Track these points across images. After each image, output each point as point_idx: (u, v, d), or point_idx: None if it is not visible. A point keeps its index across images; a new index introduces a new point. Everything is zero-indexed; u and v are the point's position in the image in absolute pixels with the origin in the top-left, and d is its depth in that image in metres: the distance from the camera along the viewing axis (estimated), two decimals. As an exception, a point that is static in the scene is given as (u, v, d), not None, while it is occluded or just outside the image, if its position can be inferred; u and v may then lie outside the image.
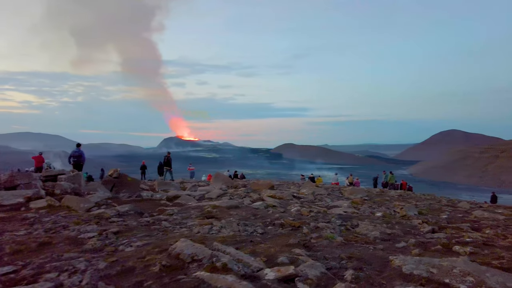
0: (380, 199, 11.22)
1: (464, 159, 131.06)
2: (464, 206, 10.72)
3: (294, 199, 9.24)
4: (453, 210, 9.65)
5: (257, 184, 11.98)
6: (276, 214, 6.72)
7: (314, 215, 6.85)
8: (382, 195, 13.39)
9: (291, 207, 7.75)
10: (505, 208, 12.18)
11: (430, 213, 8.64)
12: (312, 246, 4.58)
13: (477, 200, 25.10)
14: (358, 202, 9.21)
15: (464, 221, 7.66)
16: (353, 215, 7.28)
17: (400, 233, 5.81)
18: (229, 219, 5.85)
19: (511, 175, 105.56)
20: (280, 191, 11.27)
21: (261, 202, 7.98)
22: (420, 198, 13.08)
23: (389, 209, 8.81)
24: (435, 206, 10.35)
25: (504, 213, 9.80)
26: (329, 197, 10.62)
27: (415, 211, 8.08)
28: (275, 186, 12.65)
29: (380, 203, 10.13)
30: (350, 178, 23.83)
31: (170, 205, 7.76)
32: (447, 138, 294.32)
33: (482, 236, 5.97)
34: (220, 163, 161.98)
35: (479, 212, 9.10)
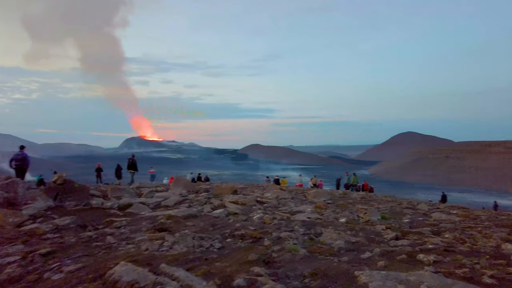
0: (343, 202, 11.18)
1: (419, 159, 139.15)
2: (423, 208, 10.98)
3: (258, 205, 8.87)
4: (414, 213, 9.80)
5: (219, 189, 11.47)
6: (237, 223, 6.28)
7: (277, 223, 6.50)
8: (345, 197, 13.44)
9: (254, 214, 7.36)
10: (459, 209, 12.71)
11: (392, 217, 8.66)
12: (274, 261, 4.20)
13: (432, 200, 26.39)
14: (321, 207, 9.03)
15: (425, 225, 7.72)
16: (316, 222, 7.03)
17: (364, 241, 5.62)
18: (184, 232, 5.31)
19: (459, 175, 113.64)
20: (244, 195, 10.86)
21: (222, 210, 7.51)
22: (382, 200, 13.29)
23: (352, 213, 8.71)
24: (397, 209, 10.49)
25: (458, 214, 10.13)
26: (293, 201, 10.38)
27: (378, 216, 8.03)
28: (238, 190, 12.21)
29: (344, 207, 10.06)
30: (313, 180, 24.03)
31: (121, 215, 7.05)
32: (405, 139, 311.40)
33: (443, 241, 5.95)
34: (185, 164, 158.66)
35: (437, 215, 9.29)
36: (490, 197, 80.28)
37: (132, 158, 20.70)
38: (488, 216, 10.94)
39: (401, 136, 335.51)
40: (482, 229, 7.48)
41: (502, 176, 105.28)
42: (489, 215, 11.42)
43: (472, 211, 12.30)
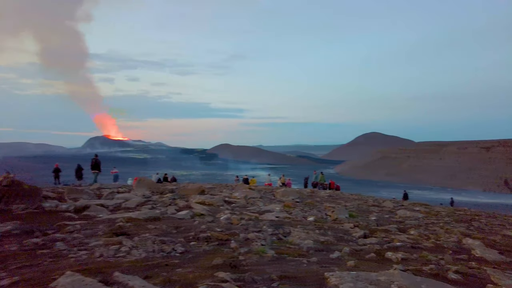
0: (311, 201, 11.18)
1: (382, 159, 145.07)
2: (388, 206, 11.24)
3: (225, 205, 8.58)
4: (380, 211, 9.99)
5: (186, 189, 11.05)
6: (202, 225, 5.97)
7: (245, 224, 6.26)
8: (313, 196, 13.50)
9: (221, 215, 7.07)
10: (421, 206, 13.20)
11: (360, 215, 8.74)
12: (240, 264, 3.95)
13: (395, 197, 27.45)
14: (290, 206, 8.93)
15: (391, 222, 7.84)
16: (285, 221, 6.89)
17: (333, 240, 5.53)
18: (144, 236, 4.93)
19: (419, 174, 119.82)
20: (212, 195, 10.52)
21: (187, 211, 7.15)
22: (349, 199, 13.49)
23: (320, 212, 8.69)
24: (363, 207, 10.64)
25: (421, 211, 10.48)
26: (262, 200, 10.20)
27: (346, 214, 8.05)
28: (206, 190, 11.84)
29: (312, 205, 10.04)
30: (282, 179, 24.09)
31: (76, 218, 6.48)
32: (369, 140, 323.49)
33: (409, 238, 6.02)
34: (152, 164, 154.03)
35: (402, 212, 9.53)
36: (446, 194, 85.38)
37: (95, 158, 19.69)
38: (447, 212, 11.43)
39: (365, 136, 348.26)
40: (444, 225, 7.72)
41: (455, 174, 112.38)
42: (448, 211, 11.95)
43: (433, 207, 12.82)
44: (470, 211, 12.50)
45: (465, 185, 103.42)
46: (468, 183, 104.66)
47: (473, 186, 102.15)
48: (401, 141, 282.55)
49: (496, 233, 7.51)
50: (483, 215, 11.69)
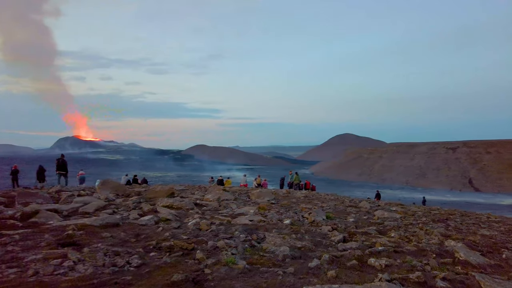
0: (287, 202, 10.74)
1: (355, 159, 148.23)
2: (365, 206, 11.00)
3: (196, 208, 7.94)
4: (357, 211, 9.69)
5: (153, 191, 10.28)
6: (167, 232, 5.33)
7: (215, 229, 5.68)
8: (289, 196, 13.09)
9: (189, 220, 6.45)
10: (397, 205, 13.12)
11: (337, 216, 8.37)
12: (205, 279, 3.39)
13: (370, 197, 27.69)
14: (265, 208, 8.42)
15: (370, 224, 7.52)
16: (259, 225, 6.37)
17: (311, 245, 5.07)
18: (96, 246, 4.24)
19: (390, 173, 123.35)
20: (182, 198, 9.84)
21: (152, 216, 6.47)
22: (325, 199, 13.19)
23: (297, 213, 8.24)
24: (340, 208, 10.33)
25: (398, 211, 10.30)
26: (236, 202, 9.63)
27: (323, 216, 7.64)
28: (176, 193, 11.13)
29: (287, 207, 9.59)
30: (258, 179, 23.59)
31: (19, 226, 5.64)
32: (342, 140, 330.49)
33: (390, 241, 5.67)
34: (124, 165, 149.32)
35: (380, 212, 9.27)
36: (416, 193, 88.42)
37: (61, 158, 18.29)
38: (423, 211, 11.36)
39: (339, 137, 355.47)
40: (423, 226, 7.49)
41: (425, 174, 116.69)
42: (423, 210, 11.90)
43: (409, 207, 12.76)
44: (444, 210, 12.54)
45: (433, 184, 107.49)
46: (436, 182, 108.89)
47: (441, 185, 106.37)
48: (374, 142, 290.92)
49: (474, 233, 7.36)
50: (457, 214, 11.73)
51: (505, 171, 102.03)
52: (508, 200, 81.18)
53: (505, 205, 73.84)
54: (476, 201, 76.86)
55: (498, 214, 45.27)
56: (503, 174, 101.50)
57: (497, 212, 55.81)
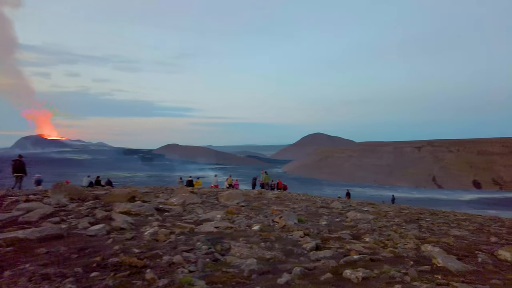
0: (257, 204, 10.25)
1: (326, 158, 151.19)
2: (337, 207, 10.75)
3: (156, 215, 7.23)
4: (329, 213, 9.37)
5: (112, 195, 9.40)
6: (117, 244, 4.64)
7: (174, 240, 5.05)
8: (260, 198, 12.63)
9: (147, 229, 5.76)
10: (368, 205, 13.03)
11: (309, 219, 7.98)
12: (153, 309, 2.78)
13: (341, 196, 27.90)
14: (233, 212, 7.85)
15: (344, 227, 7.17)
16: (226, 232, 5.80)
17: (281, 255, 4.58)
18: (21, 268, 3.49)
19: (360, 172, 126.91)
20: (143, 202, 9.05)
21: (103, 225, 5.71)
22: (297, 200, 12.84)
23: (267, 217, 7.76)
24: (312, 209, 9.98)
25: (371, 212, 10.12)
26: (202, 206, 8.98)
27: (294, 219, 7.20)
28: (139, 196, 10.30)
29: (258, 209, 9.09)
30: (229, 180, 22.93)
31: None
32: (314, 140, 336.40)
33: (365, 246, 5.31)
34: (92, 166, 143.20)
35: (352, 214, 9.00)
36: (384, 190, 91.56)
37: (19, 159, 16.71)
38: (394, 211, 11.29)
39: (310, 137, 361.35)
40: (397, 228, 7.26)
41: (392, 172, 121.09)
42: (394, 210, 11.85)
43: (380, 207, 12.70)
44: (414, 209, 12.61)
45: (400, 182, 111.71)
46: (403, 180, 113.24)
47: (407, 183, 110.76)
48: (344, 141, 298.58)
49: (446, 234, 7.23)
50: (426, 213, 11.79)
51: (464, 169, 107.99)
52: (467, 196, 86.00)
53: (464, 201, 78.16)
54: (439, 198, 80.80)
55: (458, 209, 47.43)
56: (463, 171, 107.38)
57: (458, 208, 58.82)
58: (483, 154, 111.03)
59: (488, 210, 60.37)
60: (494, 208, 64.99)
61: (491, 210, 59.25)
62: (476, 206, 67.73)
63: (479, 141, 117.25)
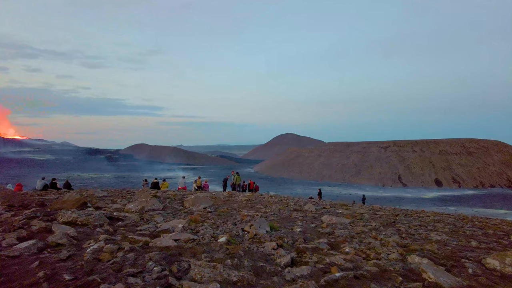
0: (226, 209, 9.43)
1: (296, 158, 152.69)
2: (311, 209, 10.17)
3: (106, 225, 6.21)
4: (303, 217, 8.74)
5: (60, 201, 8.20)
6: (44, 269, 3.66)
7: (120, 259, 4.13)
8: (230, 201, 11.82)
9: (90, 243, 4.78)
10: (341, 206, 12.60)
11: (282, 225, 7.29)
12: None
13: (312, 195, 27.65)
14: (197, 220, 6.97)
15: (320, 235, 6.54)
16: (186, 246, 4.95)
17: (250, 277, 3.81)
18: None
19: (329, 171, 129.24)
20: (96, 209, 7.98)
21: (35, 241, 4.67)
22: (269, 202, 12.15)
23: (236, 225, 6.97)
24: (285, 213, 9.32)
25: (345, 215, 9.63)
26: (163, 213, 8.02)
27: (266, 227, 6.47)
28: (92, 202, 9.15)
29: (226, 215, 8.27)
30: (198, 181, 21.77)
31: None
32: (284, 140, 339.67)
33: (346, 258, 4.68)
34: (56, 166, 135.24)
35: (327, 218, 8.43)
36: (352, 189, 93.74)
37: None
38: (369, 213, 10.90)
39: (281, 137, 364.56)
40: (376, 234, 6.74)
41: (360, 171, 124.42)
42: (368, 211, 11.49)
43: (353, 208, 12.31)
44: (387, 211, 12.35)
45: (367, 181, 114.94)
46: (370, 179, 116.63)
47: (374, 182, 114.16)
48: (313, 141, 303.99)
49: (427, 239, 6.83)
50: (400, 214, 11.55)
51: (426, 168, 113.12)
52: (429, 194, 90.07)
53: (427, 199, 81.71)
54: (405, 196, 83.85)
55: (422, 206, 48.88)
56: (425, 170, 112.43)
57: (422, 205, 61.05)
58: (444, 154, 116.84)
59: (449, 207, 63.36)
60: (454, 205, 68.32)
61: (452, 207, 62.21)
62: (438, 203, 70.86)
63: (440, 142, 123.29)
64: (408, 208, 20.80)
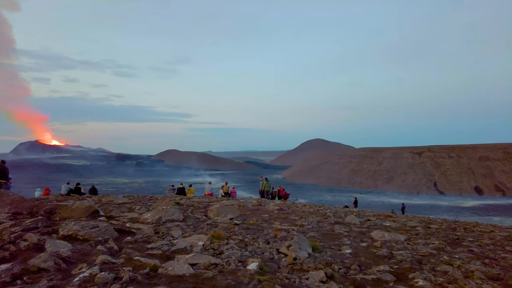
0: (255, 220, 8.13)
1: (325, 164, 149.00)
2: (354, 222, 8.66)
3: (112, 241, 5.11)
4: (348, 233, 7.26)
5: (69, 210, 7.31)
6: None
7: (112, 297, 2.95)
8: (259, 210, 10.53)
9: (82, 269, 3.67)
10: (387, 217, 10.93)
11: (326, 244, 5.88)
12: None
13: (347, 204, 25.72)
14: (222, 236, 5.72)
15: (376, 258, 5.08)
16: (205, 276, 3.70)
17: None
18: None
19: (360, 177, 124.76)
20: (108, 219, 6.98)
21: (10, 265, 3.61)
22: (304, 212, 10.70)
23: (269, 243, 5.65)
24: (326, 227, 7.86)
25: (398, 230, 8.03)
26: (183, 225, 6.87)
27: (307, 247, 5.11)
28: (107, 210, 8.21)
29: (256, 230, 6.97)
30: (225, 187, 20.57)
31: None
32: (312, 145, 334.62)
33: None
34: (91, 171, 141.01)
35: (378, 234, 6.92)
36: (385, 196, 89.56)
37: (1, 164, 14.74)
38: (421, 226, 9.20)
39: (309, 142, 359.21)
40: (450, 259, 5.18)
41: (392, 178, 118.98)
42: (421, 224, 9.77)
43: (401, 220, 10.60)
44: (439, 223, 10.53)
45: (400, 188, 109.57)
46: (403, 186, 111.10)
47: (408, 189, 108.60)
48: (342, 147, 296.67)
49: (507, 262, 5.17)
50: (457, 227, 9.72)
51: (464, 175, 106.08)
52: (468, 202, 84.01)
53: (467, 207, 76.10)
54: (441, 204, 78.71)
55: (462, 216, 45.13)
56: (463, 177, 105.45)
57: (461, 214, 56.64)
58: (484, 160, 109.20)
59: (493, 217, 58.49)
60: (498, 214, 63.00)
61: (496, 217, 57.37)
62: (479, 213, 65.67)
63: (479, 147, 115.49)
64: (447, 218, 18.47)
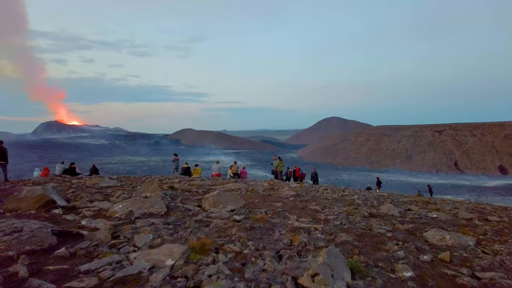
0: (264, 214, 6.14)
1: (342, 142, 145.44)
2: (393, 214, 6.60)
3: (25, 259, 3.28)
4: (393, 233, 5.18)
5: (17, 199, 5.57)
6: None
7: None
8: (271, 196, 8.58)
9: None
10: (426, 204, 8.77)
11: (369, 257, 3.86)
12: None
13: (370, 185, 23.54)
14: (207, 247, 3.75)
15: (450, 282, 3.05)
16: None
17: None
18: None
19: (377, 156, 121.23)
20: (67, 210, 5.18)
21: None
22: (327, 200, 8.63)
23: (280, 258, 3.69)
24: (359, 222, 5.78)
25: (456, 226, 5.92)
26: (161, 222, 4.95)
27: (343, 272, 3.11)
28: (75, 198, 6.43)
29: (263, 230, 4.97)
30: (234, 167, 18.50)
31: None
32: (329, 124, 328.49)
33: None
34: (109, 150, 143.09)
35: (436, 236, 4.85)
36: (402, 175, 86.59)
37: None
38: (479, 220, 7.03)
39: (325, 121, 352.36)
40: None
41: (411, 156, 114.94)
42: (475, 215, 7.58)
43: (447, 208, 8.41)
44: (494, 212, 8.33)
45: (420, 167, 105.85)
46: (423, 165, 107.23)
47: (427, 168, 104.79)
48: (360, 125, 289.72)
49: None
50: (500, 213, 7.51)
51: (488, 154, 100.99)
52: (491, 182, 79.95)
53: (490, 187, 72.31)
54: (462, 184, 75.15)
55: (484, 196, 42.07)
56: (486, 156, 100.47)
57: (483, 194, 53.49)
58: (510, 138, 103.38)
59: (517, 198, 55.19)
60: (523, 195, 59.41)
61: (521, 198, 54.08)
62: (503, 193, 62.13)
63: (506, 124, 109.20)
64: (469, 198, 16.02)
